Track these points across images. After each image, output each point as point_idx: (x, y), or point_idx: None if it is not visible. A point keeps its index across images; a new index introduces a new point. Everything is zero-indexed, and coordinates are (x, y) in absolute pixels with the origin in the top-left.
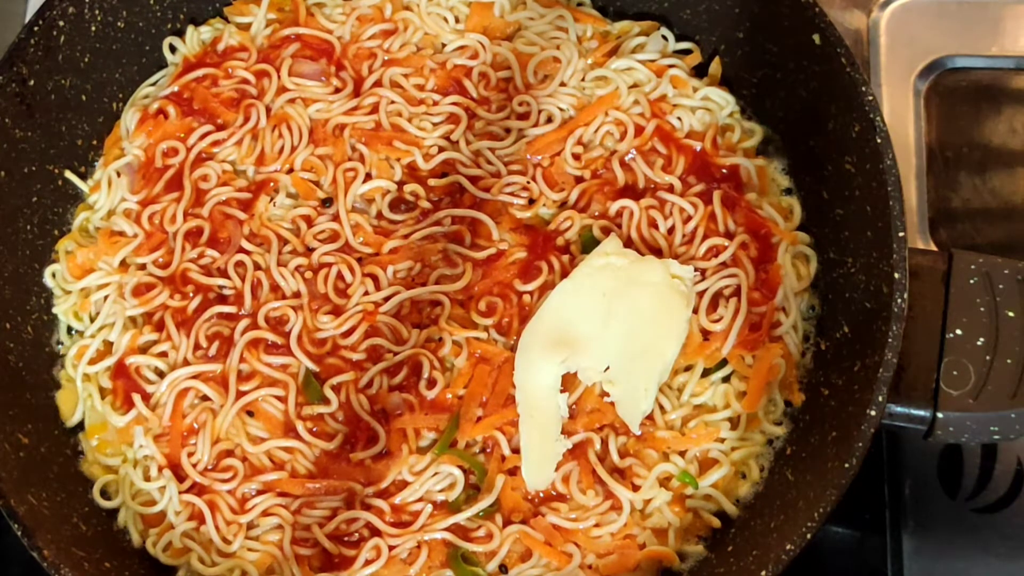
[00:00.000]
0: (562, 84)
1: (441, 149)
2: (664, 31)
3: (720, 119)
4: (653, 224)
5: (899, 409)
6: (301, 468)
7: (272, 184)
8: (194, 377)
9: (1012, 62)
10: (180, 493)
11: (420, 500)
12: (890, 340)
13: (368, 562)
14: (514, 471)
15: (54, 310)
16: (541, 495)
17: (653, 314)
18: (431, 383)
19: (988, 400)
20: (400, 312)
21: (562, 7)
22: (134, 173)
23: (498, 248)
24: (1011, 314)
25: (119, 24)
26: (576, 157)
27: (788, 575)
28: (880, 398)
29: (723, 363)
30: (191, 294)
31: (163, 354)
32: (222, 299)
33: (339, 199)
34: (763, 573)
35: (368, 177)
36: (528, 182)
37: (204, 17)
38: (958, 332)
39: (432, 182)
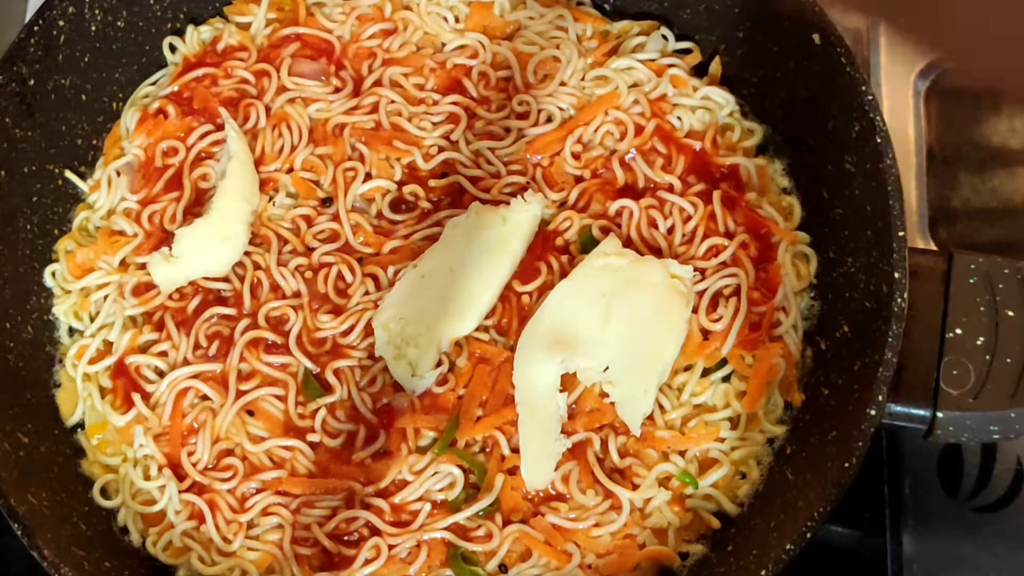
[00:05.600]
0: (562, 83)
1: (441, 149)
2: (664, 30)
3: (720, 119)
4: (653, 224)
5: (899, 408)
6: (301, 467)
7: (272, 184)
8: (194, 377)
9: None
10: (180, 492)
11: (420, 499)
12: (890, 339)
13: (368, 561)
14: (514, 471)
15: (54, 310)
16: (541, 495)
17: (653, 314)
18: None
19: (988, 400)
20: None
21: (562, 6)
22: (134, 172)
23: None
24: (1011, 314)
25: (119, 24)
26: (576, 156)
27: (788, 575)
28: (880, 397)
29: (723, 363)
30: (191, 294)
31: (163, 354)
32: (221, 299)
33: (339, 199)
34: (763, 572)
35: (368, 177)
36: (528, 182)
37: (204, 16)
38: (958, 332)
39: (432, 183)
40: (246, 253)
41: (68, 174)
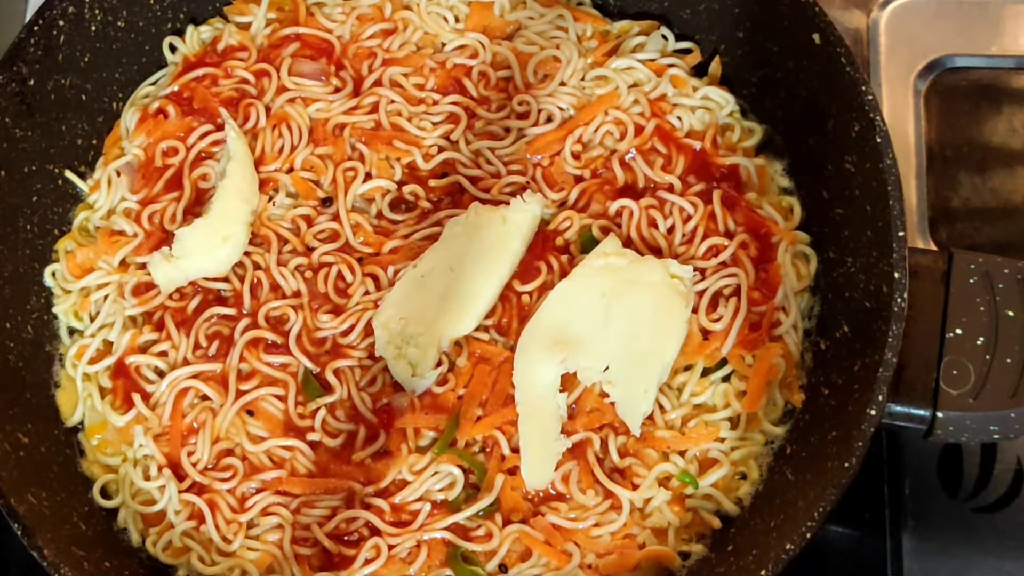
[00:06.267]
0: (562, 83)
1: (441, 149)
2: (664, 30)
3: (720, 118)
4: (653, 224)
5: (899, 408)
6: (301, 467)
7: (272, 184)
8: (194, 376)
9: (1012, 62)
10: (180, 492)
11: (420, 499)
12: (890, 339)
13: (368, 561)
14: (514, 470)
15: (54, 310)
16: (541, 494)
17: (652, 314)
18: None
19: (988, 400)
20: None
21: (562, 6)
22: (134, 172)
23: None
24: (1011, 314)
25: (119, 24)
26: (576, 156)
27: (788, 575)
28: (880, 397)
29: (723, 363)
30: (190, 294)
31: (163, 353)
32: (221, 299)
33: (339, 199)
34: (763, 573)
35: (368, 177)
36: (528, 182)
37: (204, 16)
38: (958, 332)
39: (432, 182)
40: (246, 253)
41: (68, 174)
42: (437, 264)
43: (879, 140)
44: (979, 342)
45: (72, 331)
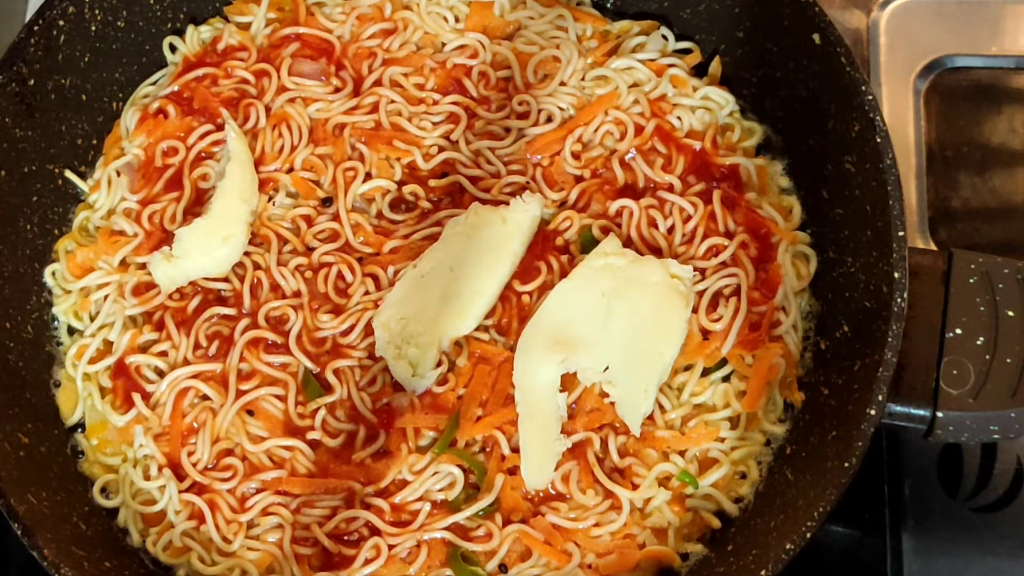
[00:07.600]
0: (562, 83)
1: (441, 149)
2: (664, 30)
3: (720, 118)
4: (653, 224)
5: (899, 408)
6: (301, 467)
7: (272, 183)
8: (194, 376)
9: (1012, 62)
10: (180, 492)
11: (420, 499)
12: (890, 339)
13: (368, 561)
14: (514, 470)
15: (54, 309)
16: (541, 494)
17: (652, 314)
18: None
19: (988, 399)
20: None
21: (562, 6)
22: (134, 172)
23: None
24: (1011, 313)
25: (119, 24)
26: (576, 156)
27: (788, 575)
28: (880, 397)
29: (723, 362)
30: (191, 294)
31: (163, 353)
32: (221, 299)
33: (339, 198)
34: (763, 572)
35: (368, 176)
36: (528, 182)
37: (204, 16)
38: (958, 331)
39: (432, 182)
40: (246, 253)
41: (68, 174)
42: (437, 264)
43: (879, 140)
44: (979, 342)
45: (72, 331)
